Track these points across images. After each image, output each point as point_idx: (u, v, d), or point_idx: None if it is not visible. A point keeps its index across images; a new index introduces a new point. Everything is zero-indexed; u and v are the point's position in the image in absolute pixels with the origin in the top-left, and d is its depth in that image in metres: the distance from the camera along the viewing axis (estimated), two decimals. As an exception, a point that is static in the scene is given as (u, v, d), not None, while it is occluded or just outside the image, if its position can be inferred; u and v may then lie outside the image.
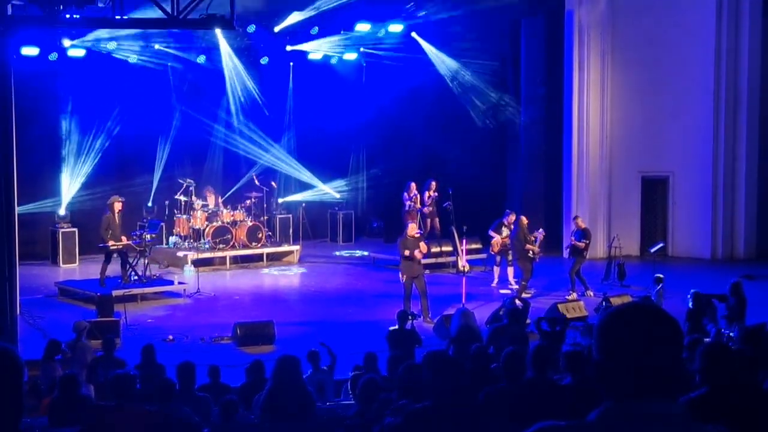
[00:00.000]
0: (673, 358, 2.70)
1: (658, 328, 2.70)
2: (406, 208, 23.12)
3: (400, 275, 17.42)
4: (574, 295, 18.53)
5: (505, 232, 19.78)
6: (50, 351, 11.76)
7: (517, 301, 17.60)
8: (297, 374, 8.00)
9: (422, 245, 17.37)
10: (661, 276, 16.85)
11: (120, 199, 19.64)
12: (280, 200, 25.72)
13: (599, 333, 2.75)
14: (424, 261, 22.06)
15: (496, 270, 20.42)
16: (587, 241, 19.45)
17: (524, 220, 19.29)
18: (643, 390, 2.66)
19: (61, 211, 23.15)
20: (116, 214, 19.32)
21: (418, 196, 23.20)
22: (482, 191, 25.14)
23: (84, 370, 11.31)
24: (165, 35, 22.69)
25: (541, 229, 19.58)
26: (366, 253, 24.64)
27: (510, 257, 19.70)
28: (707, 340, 10.87)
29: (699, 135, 23.94)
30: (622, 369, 2.68)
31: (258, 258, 23.39)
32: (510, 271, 19.95)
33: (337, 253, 25.25)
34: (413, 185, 23.24)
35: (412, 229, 17.74)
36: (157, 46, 22.97)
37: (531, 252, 18.78)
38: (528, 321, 14.82)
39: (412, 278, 17.20)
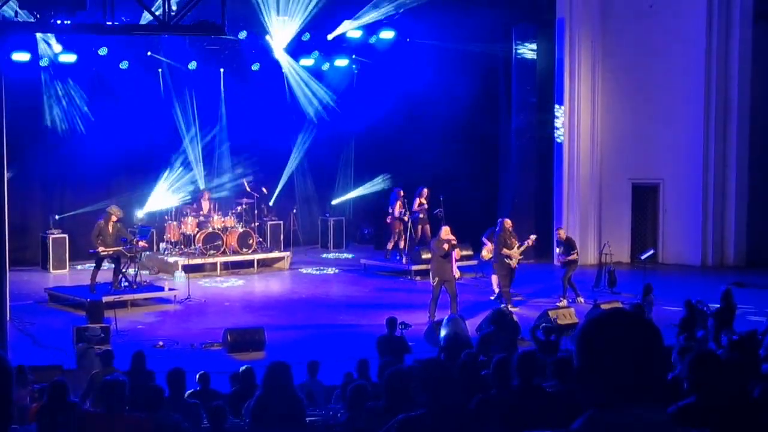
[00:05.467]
0: (653, 366, 2.70)
1: (637, 335, 2.71)
2: (397, 216, 23.08)
3: (431, 277, 17.55)
4: (565, 302, 18.55)
5: None
6: (18, 377, 11.01)
7: (510, 308, 17.69)
8: (287, 381, 7.99)
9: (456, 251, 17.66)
10: (650, 284, 16.84)
11: (118, 210, 19.53)
12: (270, 203, 25.68)
13: (579, 341, 2.77)
14: (416, 267, 22.23)
15: (494, 278, 20.21)
16: (576, 251, 19.55)
17: (507, 222, 19.24)
18: (623, 397, 2.67)
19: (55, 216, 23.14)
20: (110, 223, 19.23)
21: (405, 201, 23.13)
22: (473, 198, 25.16)
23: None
24: (156, 40, 22.71)
25: (533, 236, 19.57)
26: (351, 256, 24.67)
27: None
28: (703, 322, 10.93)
29: (690, 142, 24.00)
30: (602, 376, 2.68)
31: (249, 264, 23.35)
32: (494, 278, 19.90)
33: (326, 256, 25.29)
34: (401, 192, 23.17)
35: (446, 232, 17.72)
36: (148, 53, 22.94)
37: (508, 258, 18.73)
38: (519, 328, 14.84)
39: (444, 281, 17.27)
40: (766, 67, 24.20)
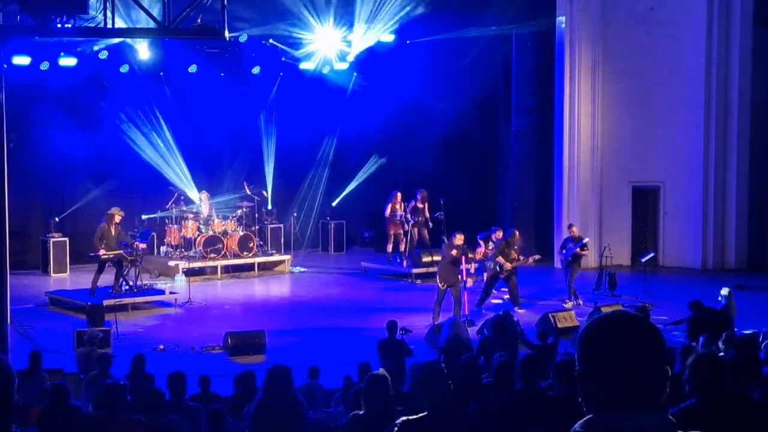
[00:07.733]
0: (654, 369, 2.70)
1: (638, 338, 2.70)
2: (398, 218, 23.05)
3: (439, 281, 17.49)
4: (570, 304, 18.56)
5: (491, 245, 19.69)
6: (34, 362, 11.51)
7: (518, 309, 17.78)
8: (288, 384, 7.99)
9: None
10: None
11: (120, 212, 19.57)
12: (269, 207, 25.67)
13: (580, 343, 2.76)
14: (416, 270, 22.21)
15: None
16: (587, 250, 19.74)
17: (517, 235, 19.11)
18: (624, 400, 2.66)
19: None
20: (113, 226, 19.26)
21: (403, 204, 23.10)
22: (473, 202, 25.14)
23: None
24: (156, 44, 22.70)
25: (537, 256, 19.62)
26: (353, 266, 24.56)
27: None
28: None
29: (690, 145, 23.99)
30: (602, 379, 2.68)
31: (249, 267, 23.34)
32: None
33: (326, 259, 25.26)
34: (398, 195, 23.16)
35: (459, 239, 17.68)
36: (149, 55, 22.91)
37: (500, 266, 18.63)
38: (521, 331, 14.86)
39: (450, 286, 17.28)
40: (765, 71, 24.21)
